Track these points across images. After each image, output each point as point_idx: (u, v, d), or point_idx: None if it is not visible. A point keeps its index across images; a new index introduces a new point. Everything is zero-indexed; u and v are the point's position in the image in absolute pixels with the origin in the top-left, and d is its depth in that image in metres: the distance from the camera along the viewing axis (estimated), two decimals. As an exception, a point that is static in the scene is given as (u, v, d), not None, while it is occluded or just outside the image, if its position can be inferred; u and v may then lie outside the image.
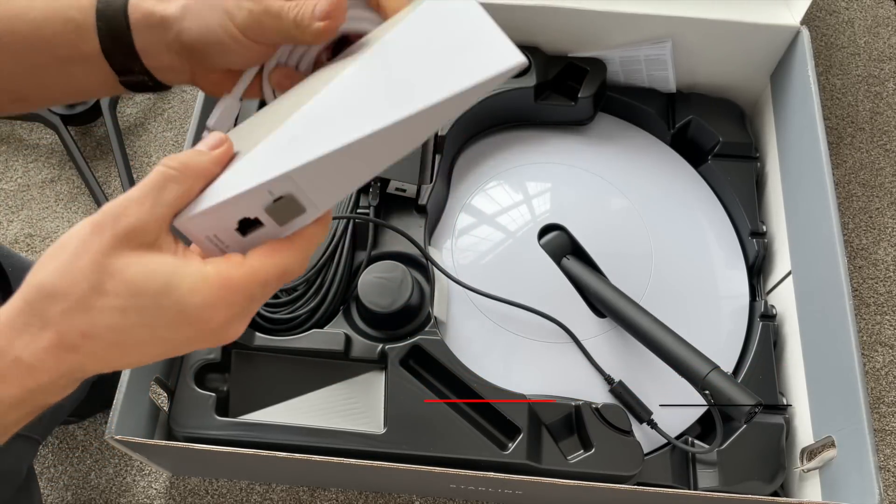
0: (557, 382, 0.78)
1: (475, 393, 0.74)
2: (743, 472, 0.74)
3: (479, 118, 0.90)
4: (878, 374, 0.96)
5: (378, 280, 0.76)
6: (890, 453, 0.92)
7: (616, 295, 0.78)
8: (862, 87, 1.16)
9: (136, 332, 0.33)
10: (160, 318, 0.33)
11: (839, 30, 1.21)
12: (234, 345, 0.76)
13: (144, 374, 0.71)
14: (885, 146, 1.11)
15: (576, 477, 0.70)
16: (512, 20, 0.89)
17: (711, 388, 0.69)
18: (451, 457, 0.71)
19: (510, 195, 0.88)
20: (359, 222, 0.82)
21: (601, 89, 0.92)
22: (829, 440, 0.71)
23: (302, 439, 0.71)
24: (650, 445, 0.76)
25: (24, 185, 1.05)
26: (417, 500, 0.87)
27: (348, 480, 0.84)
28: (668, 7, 0.87)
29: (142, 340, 0.33)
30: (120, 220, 0.33)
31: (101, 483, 0.87)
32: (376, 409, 0.75)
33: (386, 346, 0.76)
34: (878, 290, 1.01)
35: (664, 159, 0.93)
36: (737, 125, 0.93)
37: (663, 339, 0.74)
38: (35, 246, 1.01)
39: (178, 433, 0.72)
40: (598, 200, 0.88)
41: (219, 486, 0.87)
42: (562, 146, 0.92)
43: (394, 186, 0.82)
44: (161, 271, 0.33)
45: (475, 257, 0.84)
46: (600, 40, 0.91)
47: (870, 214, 1.06)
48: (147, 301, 0.32)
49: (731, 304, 0.84)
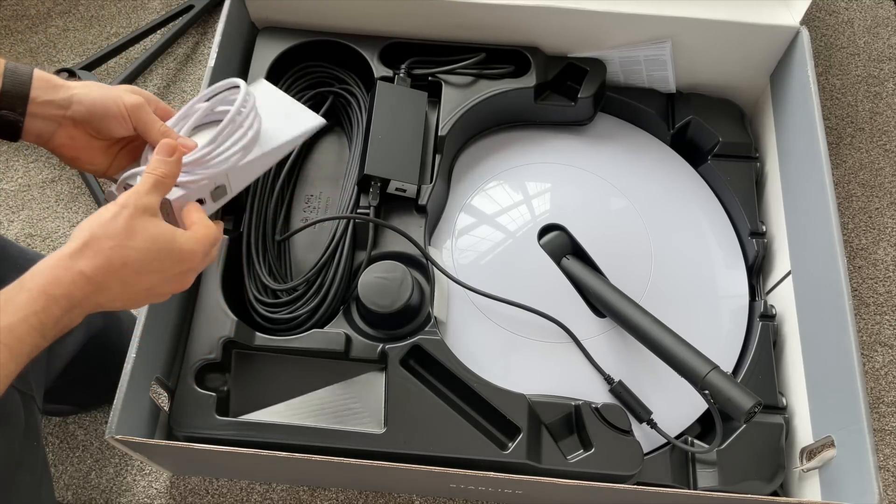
0: (557, 382, 0.78)
1: (475, 393, 0.74)
2: (742, 471, 0.74)
3: (479, 118, 0.90)
4: (878, 374, 0.96)
5: (378, 280, 0.76)
6: (889, 453, 0.92)
7: (616, 295, 0.78)
8: (861, 88, 1.16)
9: (153, 264, 0.52)
10: (168, 256, 0.53)
11: (839, 30, 1.21)
12: (234, 345, 0.76)
13: (145, 373, 0.71)
14: (884, 146, 1.11)
15: (576, 477, 0.70)
16: (512, 20, 0.89)
17: (711, 388, 0.69)
18: (451, 457, 0.71)
19: (510, 195, 0.88)
20: (359, 222, 0.82)
21: (601, 89, 0.92)
22: (829, 440, 0.71)
23: (302, 439, 0.71)
24: (650, 445, 0.76)
25: (24, 185, 1.06)
26: (417, 500, 0.87)
27: (348, 480, 0.84)
28: (668, 7, 0.88)
29: (154, 270, 0.52)
30: (139, 199, 0.52)
31: (102, 483, 0.87)
32: (376, 409, 0.75)
33: (386, 346, 0.76)
34: (878, 289, 1.01)
35: (664, 159, 0.93)
36: (736, 125, 0.93)
37: (663, 339, 0.74)
38: (35, 246, 1.01)
39: (178, 433, 0.72)
40: (598, 200, 0.88)
41: (219, 485, 0.87)
42: (562, 146, 0.92)
43: (394, 186, 0.82)
44: (167, 229, 0.53)
45: (475, 257, 0.85)
46: (600, 40, 0.91)
47: (869, 214, 1.06)
48: (161, 245, 0.52)
49: (731, 303, 0.84)
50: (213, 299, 0.77)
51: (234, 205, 0.86)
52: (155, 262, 0.52)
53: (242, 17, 0.92)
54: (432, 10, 0.89)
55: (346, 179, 0.86)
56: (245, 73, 0.90)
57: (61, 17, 1.19)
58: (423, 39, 0.92)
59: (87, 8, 1.20)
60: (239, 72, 0.91)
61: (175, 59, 1.16)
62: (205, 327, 0.76)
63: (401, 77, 0.89)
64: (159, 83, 1.14)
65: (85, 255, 0.49)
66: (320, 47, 0.92)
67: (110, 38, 1.17)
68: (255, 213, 0.84)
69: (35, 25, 1.18)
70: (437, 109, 0.88)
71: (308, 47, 0.92)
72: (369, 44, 0.91)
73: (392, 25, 0.92)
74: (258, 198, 0.85)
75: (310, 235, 0.86)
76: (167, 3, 1.21)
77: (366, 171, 0.81)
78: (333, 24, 0.92)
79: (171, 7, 1.19)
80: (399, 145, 0.84)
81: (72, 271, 0.48)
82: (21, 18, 1.19)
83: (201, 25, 1.19)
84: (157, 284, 0.53)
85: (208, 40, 1.18)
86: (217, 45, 0.84)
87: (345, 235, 0.81)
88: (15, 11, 1.19)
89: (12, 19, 1.19)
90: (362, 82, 0.92)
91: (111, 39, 1.17)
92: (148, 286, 0.52)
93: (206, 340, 0.75)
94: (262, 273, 0.81)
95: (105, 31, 1.18)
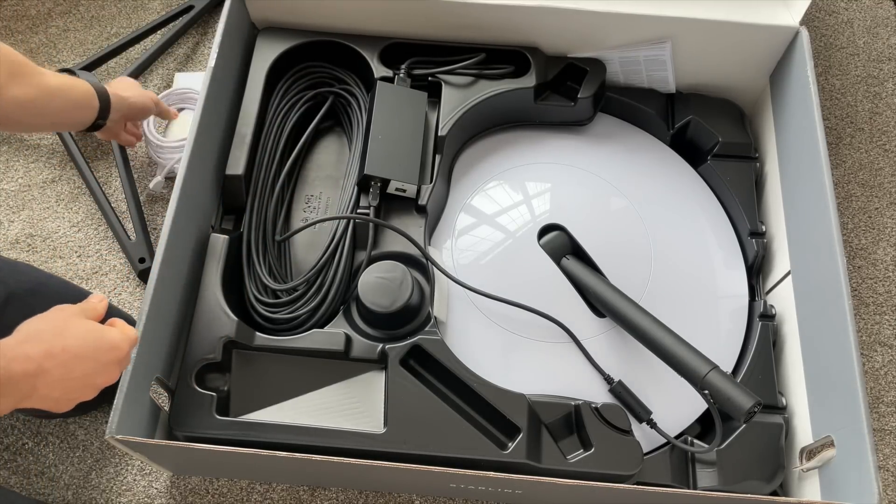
0: (557, 382, 0.78)
1: (475, 392, 0.74)
2: (742, 471, 0.74)
3: (479, 118, 0.90)
4: (878, 374, 0.96)
5: (378, 280, 0.76)
6: (889, 453, 0.92)
7: (616, 295, 0.78)
8: (861, 88, 1.16)
9: (88, 351, 0.57)
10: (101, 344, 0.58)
11: (838, 30, 1.21)
12: (234, 345, 0.76)
13: (145, 373, 0.71)
14: (884, 146, 1.11)
15: (575, 476, 0.70)
16: (512, 20, 0.89)
17: (711, 388, 0.69)
18: (451, 456, 0.71)
19: (510, 195, 0.88)
20: (359, 222, 0.82)
21: (601, 90, 0.92)
22: (829, 440, 0.71)
23: (302, 439, 0.71)
24: (650, 445, 0.76)
25: (25, 186, 1.06)
26: (417, 500, 0.87)
27: (348, 480, 0.84)
28: (668, 7, 0.88)
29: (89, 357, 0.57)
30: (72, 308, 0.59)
31: (102, 482, 0.87)
32: (376, 408, 0.75)
33: (386, 346, 0.76)
34: (878, 289, 1.01)
35: (664, 159, 0.93)
36: (736, 125, 0.93)
37: (663, 339, 0.74)
38: (36, 246, 1.01)
39: (178, 433, 0.72)
40: (598, 200, 0.88)
41: (219, 485, 0.87)
42: (562, 146, 0.92)
43: (394, 186, 0.82)
44: (97, 326, 0.60)
45: (475, 257, 0.85)
46: (600, 41, 0.91)
47: (869, 214, 1.06)
48: (95, 335, 0.58)
49: (731, 303, 0.84)
50: (213, 299, 0.77)
51: (235, 205, 0.86)
52: (90, 349, 0.57)
53: (242, 17, 0.92)
54: (432, 10, 0.89)
55: (346, 179, 0.87)
56: (245, 74, 0.90)
57: (62, 18, 1.19)
58: (423, 39, 0.92)
59: (87, 8, 1.20)
60: (239, 72, 0.91)
61: (175, 59, 1.16)
62: (205, 327, 0.76)
63: (401, 77, 0.89)
64: (159, 83, 1.14)
65: (29, 342, 0.54)
66: (320, 47, 0.92)
67: (110, 39, 1.17)
68: (256, 213, 0.84)
69: (35, 26, 1.18)
70: (437, 109, 0.88)
71: (308, 47, 0.92)
72: (369, 44, 0.91)
73: (392, 25, 0.92)
74: (258, 198, 0.85)
75: (310, 235, 0.86)
76: (167, 3, 1.21)
77: (366, 171, 0.81)
78: (333, 24, 0.93)
79: (171, 7, 1.19)
80: (399, 145, 0.84)
81: (16, 351, 0.53)
82: (21, 19, 1.19)
83: (201, 25, 1.19)
84: (91, 373, 0.57)
85: (208, 40, 1.18)
86: (217, 46, 0.84)
87: (345, 235, 0.82)
88: (15, 12, 1.19)
89: (13, 19, 1.19)
90: (362, 82, 0.92)
91: (111, 39, 1.17)
92: (83, 373, 0.56)
93: (206, 340, 0.75)
94: (263, 273, 0.81)
95: (105, 31, 1.18)
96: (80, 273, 1.00)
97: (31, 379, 0.53)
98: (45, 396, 0.55)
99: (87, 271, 1.00)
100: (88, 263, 1.00)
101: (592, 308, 0.82)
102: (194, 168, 0.78)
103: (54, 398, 0.56)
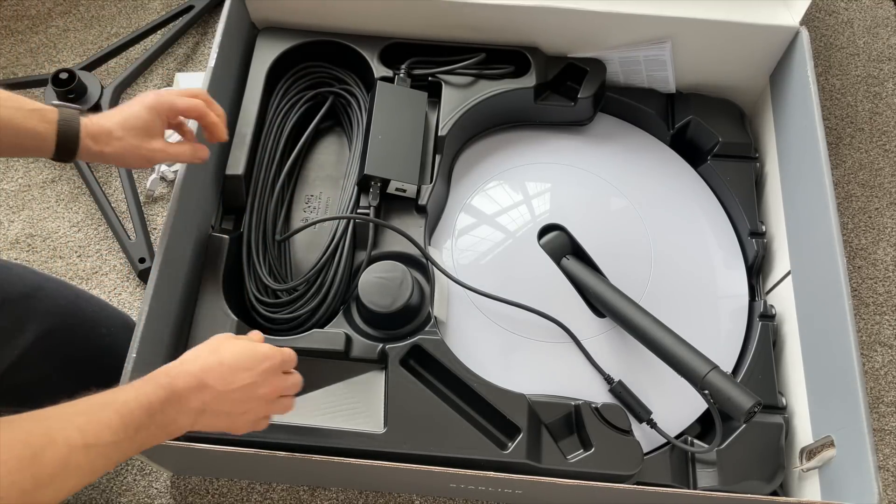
0: (557, 382, 0.78)
1: (475, 392, 0.74)
2: (742, 471, 0.74)
3: (479, 118, 0.90)
4: (878, 374, 0.96)
5: (378, 280, 0.76)
6: (889, 453, 0.92)
7: (616, 295, 0.78)
8: (861, 88, 1.16)
9: (243, 361, 0.60)
10: (253, 355, 0.61)
11: (838, 30, 1.21)
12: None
13: (145, 373, 0.71)
14: (884, 146, 1.11)
15: (575, 476, 0.70)
16: (512, 20, 0.89)
17: (711, 388, 0.69)
18: (451, 456, 0.71)
19: (510, 195, 0.88)
20: (359, 222, 0.82)
21: (601, 90, 0.92)
22: (829, 440, 0.71)
23: (302, 439, 0.71)
24: (650, 445, 0.76)
25: (25, 186, 1.06)
26: (417, 500, 0.87)
27: (348, 480, 0.84)
28: (668, 7, 0.88)
29: (245, 367, 0.60)
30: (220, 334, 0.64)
31: (102, 482, 0.87)
32: (376, 408, 0.75)
33: (386, 346, 0.76)
34: (878, 290, 1.01)
35: (664, 159, 0.93)
36: (736, 125, 0.93)
37: (663, 339, 0.74)
38: (36, 246, 1.01)
39: (178, 433, 0.72)
40: (598, 200, 0.88)
41: (219, 485, 0.87)
42: (562, 146, 0.92)
43: (394, 186, 0.82)
44: (245, 340, 0.63)
45: (475, 257, 0.85)
46: (600, 41, 0.91)
47: (869, 214, 1.06)
48: (246, 348, 0.61)
49: (731, 303, 0.84)
50: (213, 299, 0.77)
51: (235, 205, 0.86)
52: (244, 359, 0.60)
53: (242, 17, 0.92)
54: (432, 10, 0.89)
55: (346, 179, 0.87)
56: (245, 74, 0.90)
57: (61, 18, 1.19)
58: (423, 39, 0.92)
59: (87, 8, 1.20)
60: (239, 72, 0.91)
61: (175, 59, 1.16)
62: (205, 327, 0.76)
63: (401, 77, 0.89)
64: (159, 83, 1.14)
65: (188, 362, 0.59)
66: (320, 47, 0.92)
67: (110, 39, 1.17)
68: (256, 213, 0.84)
69: (35, 26, 1.18)
70: (437, 109, 0.88)
71: (308, 47, 0.92)
72: (369, 44, 0.91)
73: (392, 25, 0.92)
74: (258, 198, 0.85)
75: (310, 235, 0.86)
76: (167, 3, 1.21)
77: (366, 171, 0.81)
78: (333, 24, 0.93)
79: (171, 7, 1.19)
80: (399, 145, 0.84)
81: (178, 369, 0.58)
82: (21, 19, 1.19)
83: (201, 25, 1.19)
84: (251, 383, 0.60)
85: (208, 40, 1.18)
86: (217, 46, 0.84)
87: (345, 235, 0.82)
88: (15, 12, 1.19)
89: (12, 19, 1.19)
90: (362, 82, 0.92)
91: (111, 40, 1.17)
92: (242, 383, 0.59)
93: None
94: (263, 273, 0.81)
95: (105, 31, 1.18)
96: (80, 273, 1.00)
97: (196, 393, 0.57)
98: (216, 412, 0.58)
99: (87, 271, 1.00)
100: (88, 263, 1.00)
101: (592, 308, 0.82)
102: (194, 168, 0.78)
103: (226, 412, 0.59)
